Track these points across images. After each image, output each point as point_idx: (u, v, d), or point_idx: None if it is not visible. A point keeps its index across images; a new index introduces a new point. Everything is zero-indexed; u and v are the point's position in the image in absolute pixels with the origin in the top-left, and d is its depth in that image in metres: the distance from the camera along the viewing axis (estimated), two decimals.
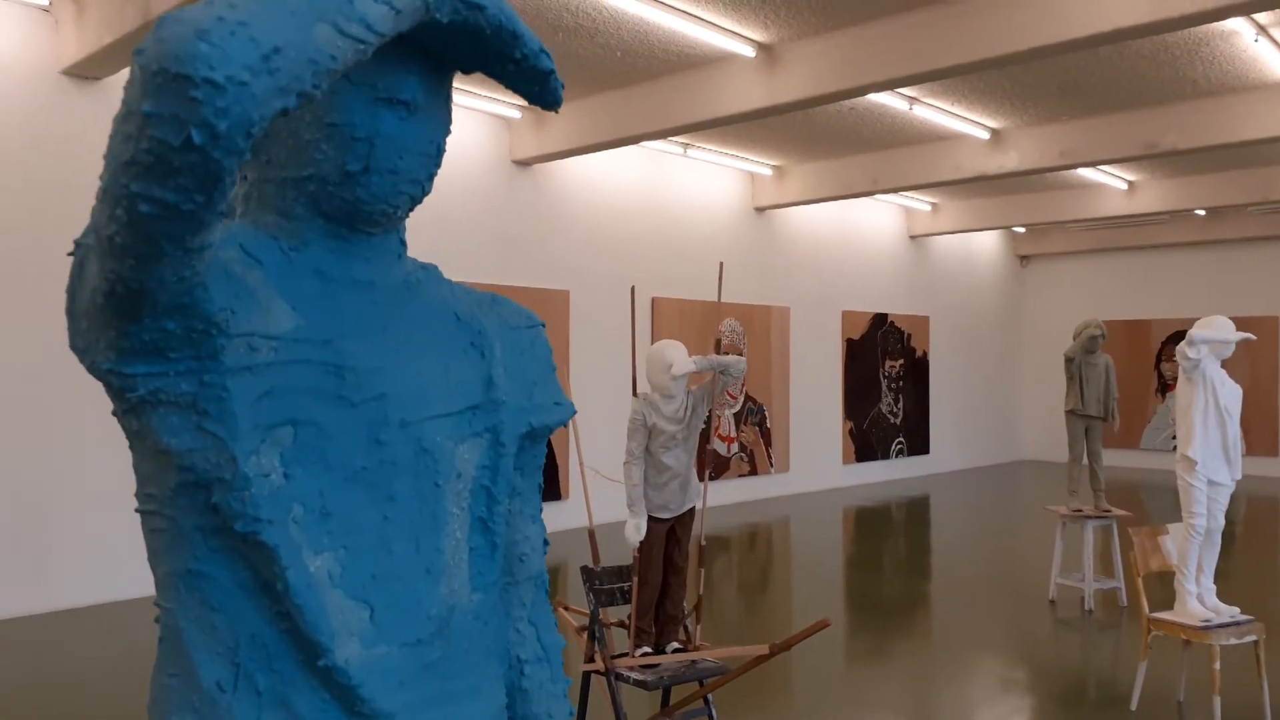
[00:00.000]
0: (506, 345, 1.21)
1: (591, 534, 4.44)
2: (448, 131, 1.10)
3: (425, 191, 1.09)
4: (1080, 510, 7.23)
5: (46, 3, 6.78)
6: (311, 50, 0.80)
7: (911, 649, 6.05)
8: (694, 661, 4.18)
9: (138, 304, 0.87)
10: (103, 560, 7.01)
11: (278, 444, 0.97)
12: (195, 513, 0.97)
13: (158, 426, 0.95)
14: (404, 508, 1.06)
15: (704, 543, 4.59)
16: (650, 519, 4.36)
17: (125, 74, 7.19)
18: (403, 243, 1.15)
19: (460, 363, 1.15)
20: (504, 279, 9.89)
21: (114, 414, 0.99)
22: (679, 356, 4.27)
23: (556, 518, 10.10)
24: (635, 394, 4.44)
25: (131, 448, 1.01)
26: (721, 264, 4.22)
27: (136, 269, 0.83)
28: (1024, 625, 6.61)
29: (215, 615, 0.97)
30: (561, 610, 4.53)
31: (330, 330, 1.02)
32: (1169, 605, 5.17)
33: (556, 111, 1.11)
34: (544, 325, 1.30)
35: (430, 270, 1.20)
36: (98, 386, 6.28)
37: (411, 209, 1.10)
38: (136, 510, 1.02)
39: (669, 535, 4.44)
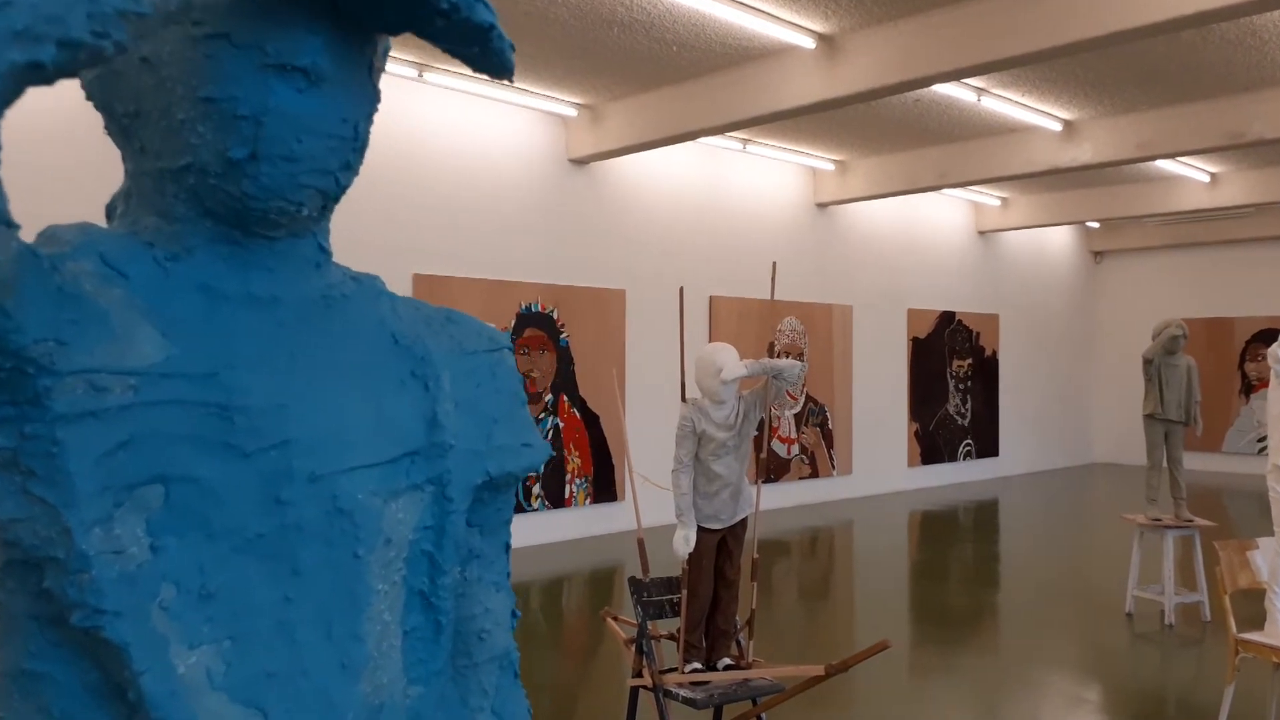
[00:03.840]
0: (459, 374, 0.99)
1: (640, 543, 4.29)
2: (370, 109, 0.88)
3: (340, 185, 0.87)
4: (1160, 520, 6.88)
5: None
6: None
7: (978, 663, 5.79)
8: (746, 679, 4.01)
9: None
10: None
11: (142, 508, 0.77)
12: (28, 597, 0.77)
13: None
14: (312, 585, 0.84)
15: (756, 555, 4.41)
16: (700, 529, 4.19)
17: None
18: (323, 249, 0.92)
19: (396, 398, 0.93)
20: (560, 278, 9.81)
21: None
22: (729, 360, 4.08)
23: (612, 520, 9.99)
24: (684, 399, 4.27)
25: None
26: (775, 264, 4.03)
27: None
28: (1099, 639, 6.30)
29: None
30: (610, 621, 4.40)
31: (215, 361, 0.82)
32: (1258, 624, 4.86)
33: (510, 81, 0.90)
34: (510, 348, 1.07)
35: (365, 282, 0.98)
36: None
37: (325, 206, 0.88)
38: None
39: (720, 547, 4.26)
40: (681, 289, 4.29)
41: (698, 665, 4.18)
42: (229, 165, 0.81)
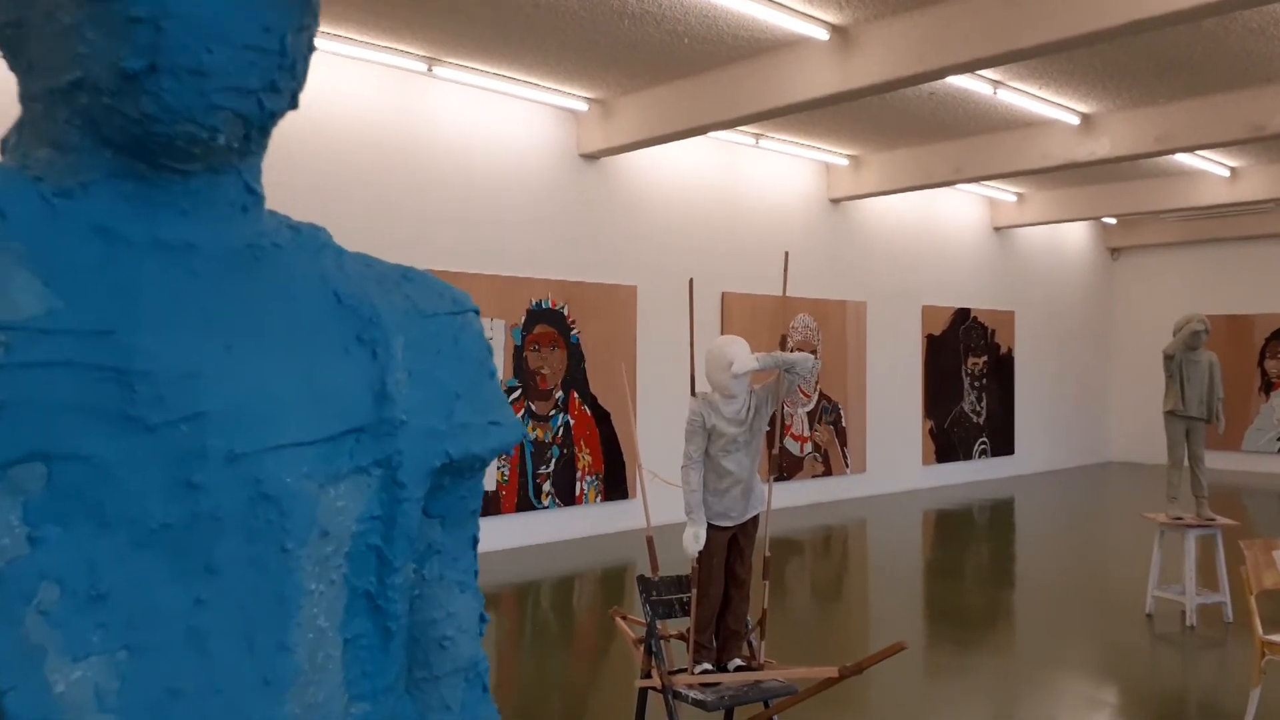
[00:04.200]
0: (415, 340, 0.84)
1: (649, 541, 4.21)
2: (301, 21, 0.73)
3: (265, 109, 0.72)
4: (1181, 518, 6.75)
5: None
6: None
7: (994, 665, 5.68)
8: (758, 681, 3.92)
9: None
10: None
11: (16, 491, 0.64)
12: None
13: None
14: (230, 585, 0.71)
15: (768, 553, 4.31)
16: (710, 527, 4.09)
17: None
18: (251, 190, 0.77)
19: (337, 365, 0.78)
20: (570, 274, 9.73)
21: None
22: (740, 354, 3.99)
23: (624, 518, 9.91)
24: (693, 393, 4.18)
25: None
26: (786, 254, 3.94)
27: None
28: (1118, 640, 6.18)
29: None
30: (619, 620, 4.31)
31: (111, 317, 0.68)
32: None
33: None
34: (477, 311, 0.91)
35: (305, 233, 0.83)
36: None
37: (249, 135, 0.73)
38: None
39: (730, 545, 4.17)
40: (691, 280, 4.20)
41: (708, 666, 4.08)
42: (124, 79, 0.67)
